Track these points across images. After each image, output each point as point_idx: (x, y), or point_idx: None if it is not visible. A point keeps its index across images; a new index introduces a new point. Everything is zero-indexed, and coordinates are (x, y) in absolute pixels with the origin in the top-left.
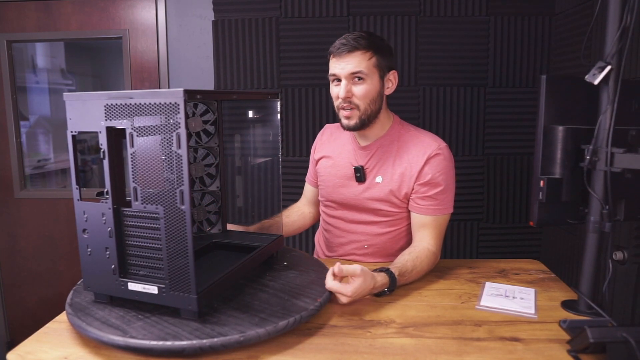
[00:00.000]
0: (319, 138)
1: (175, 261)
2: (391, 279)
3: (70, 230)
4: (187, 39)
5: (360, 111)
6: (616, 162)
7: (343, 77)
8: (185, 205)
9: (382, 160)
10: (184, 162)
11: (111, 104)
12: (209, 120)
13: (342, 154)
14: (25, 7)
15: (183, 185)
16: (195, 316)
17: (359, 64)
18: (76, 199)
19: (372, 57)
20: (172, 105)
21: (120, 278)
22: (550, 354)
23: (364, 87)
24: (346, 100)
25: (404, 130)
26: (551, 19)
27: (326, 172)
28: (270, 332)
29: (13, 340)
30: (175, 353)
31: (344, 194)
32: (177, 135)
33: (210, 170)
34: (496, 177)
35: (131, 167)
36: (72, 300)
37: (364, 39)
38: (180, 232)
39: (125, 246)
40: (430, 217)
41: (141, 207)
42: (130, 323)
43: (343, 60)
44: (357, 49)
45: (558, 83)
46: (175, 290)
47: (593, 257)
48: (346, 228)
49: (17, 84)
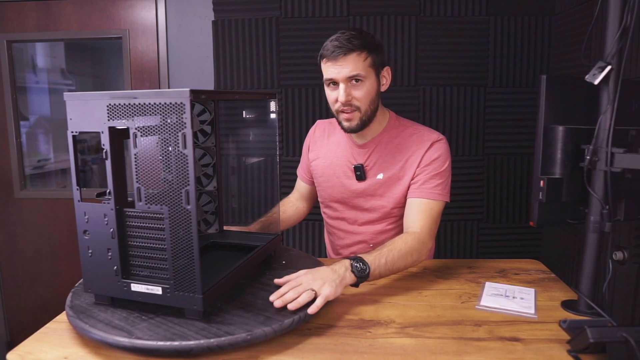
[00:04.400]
0: (311, 134)
1: (180, 261)
2: (353, 258)
3: (70, 230)
4: (187, 39)
5: (361, 112)
6: (616, 162)
7: (341, 80)
8: (191, 205)
9: (382, 157)
10: (190, 162)
11: (114, 104)
12: (205, 120)
13: (338, 153)
14: (25, 7)
15: (189, 185)
16: (200, 316)
17: (356, 67)
18: (77, 200)
19: (367, 58)
20: (178, 105)
21: (123, 279)
22: (550, 354)
23: (363, 89)
24: (346, 103)
25: (401, 125)
26: (551, 19)
27: (324, 173)
28: (277, 331)
29: (13, 340)
30: (183, 353)
31: (344, 193)
32: (182, 135)
33: (207, 170)
34: (496, 177)
35: (134, 168)
36: (72, 303)
37: (357, 39)
38: (186, 232)
39: (128, 247)
40: (424, 200)
41: (145, 208)
42: (134, 324)
43: (338, 63)
44: (352, 51)
45: (558, 83)
46: (180, 290)
47: (593, 257)
48: (350, 229)
49: (17, 84)
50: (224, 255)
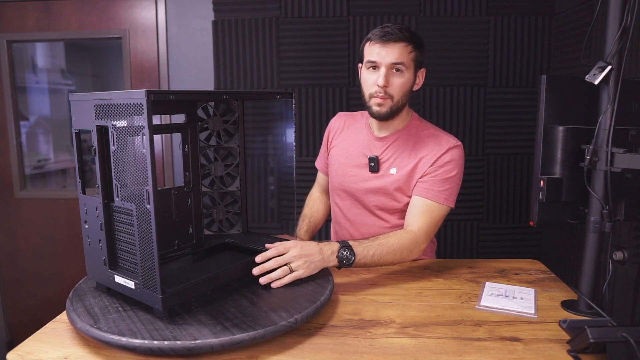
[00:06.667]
0: (332, 125)
1: (147, 259)
2: (343, 244)
3: (70, 230)
4: (187, 39)
5: (393, 102)
6: (616, 162)
7: (384, 65)
8: (150, 205)
9: (398, 152)
10: (149, 161)
11: (99, 104)
12: (228, 120)
13: (355, 143)
14: (25, 7)
15: (148, 185)
16: (163, 316)
17: (401, 55)
18: (79, 192)
19: (412, 51)
20: (138, 106)
21: (109, 270)
22: (550, 354)
23: (401, 79)
24: (383, 88)
25: (422, 126)
26: (551, 19)
27: (337, 160)
28: (225, 345)
29: (13, 340)
30: (129, 349)
31: (355, 182)
32: (143, 135)
33: (230, 171)
34: (496, 177)
35: (113, 165)
36: (79, 285)
37: (408, 31)
38: (148, 230)
39: (114, 240)
40: (428, 201)
41: (121, 204)
42: (107, 314)
43: (386, 48)
44: (402, 40)
45: (558, 83)
46: (146, 287)
47: (593, 257)
48: (356, 221)
49: (17, 84)
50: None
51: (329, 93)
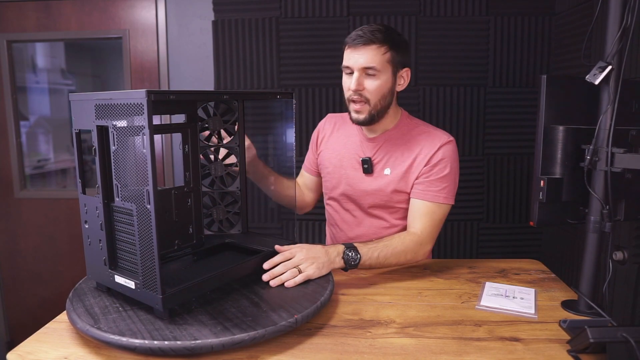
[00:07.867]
0: (321, 126)
1: (147, 259)
2: (348, 246)
3: (70, 230)
4: (187, 39)
5: (371, 106)
6: (616, 162)
7: (355, 69)
8: (150, 205)
9: (390, 152)
10: (149, 161)
11: (99, 104)
12: (228, 120)
13: (347, 145)
14: (25, 7)
15: (148, 185)
16: (163, 316)
17: (373, 59)
18: (79, 192)
19: (386, 52)
20: (137, 106)
21: (110, 270)
22: (550, 354)
23: (375, 83)
24: (357, 92)
25: (413, 124)
26: (551, 19)
27: (331, 164)
28: (225, 345)
29: (13, 340)
30: (129, 349)
31: (351, 186)
32: (143, 135)
33: (230, 171)
34: (496, 177)
35: (113, 165)
36: (79, 285)
37: (381, 32)
38: (148, 230)
39: (114, 240)
40: (428, 202)
41: (121, 204)
42: (107, 314)
43: (357, 52)
44: (372, 42)
45: (558, 83)
46: (147, 287)
47: (593, 257)
48: (353, 222)
49: (17, 84)
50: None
51: (329, 93)
